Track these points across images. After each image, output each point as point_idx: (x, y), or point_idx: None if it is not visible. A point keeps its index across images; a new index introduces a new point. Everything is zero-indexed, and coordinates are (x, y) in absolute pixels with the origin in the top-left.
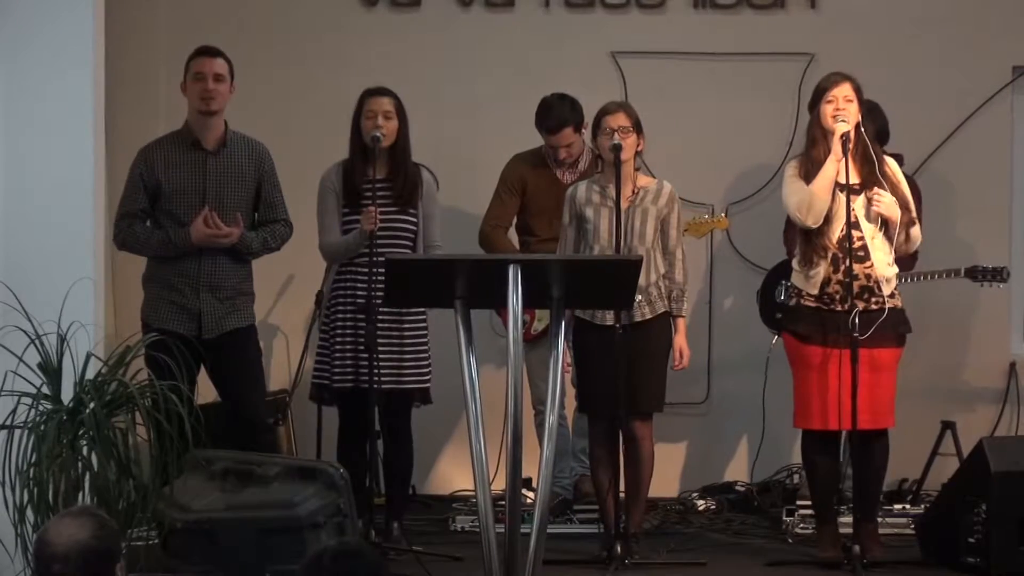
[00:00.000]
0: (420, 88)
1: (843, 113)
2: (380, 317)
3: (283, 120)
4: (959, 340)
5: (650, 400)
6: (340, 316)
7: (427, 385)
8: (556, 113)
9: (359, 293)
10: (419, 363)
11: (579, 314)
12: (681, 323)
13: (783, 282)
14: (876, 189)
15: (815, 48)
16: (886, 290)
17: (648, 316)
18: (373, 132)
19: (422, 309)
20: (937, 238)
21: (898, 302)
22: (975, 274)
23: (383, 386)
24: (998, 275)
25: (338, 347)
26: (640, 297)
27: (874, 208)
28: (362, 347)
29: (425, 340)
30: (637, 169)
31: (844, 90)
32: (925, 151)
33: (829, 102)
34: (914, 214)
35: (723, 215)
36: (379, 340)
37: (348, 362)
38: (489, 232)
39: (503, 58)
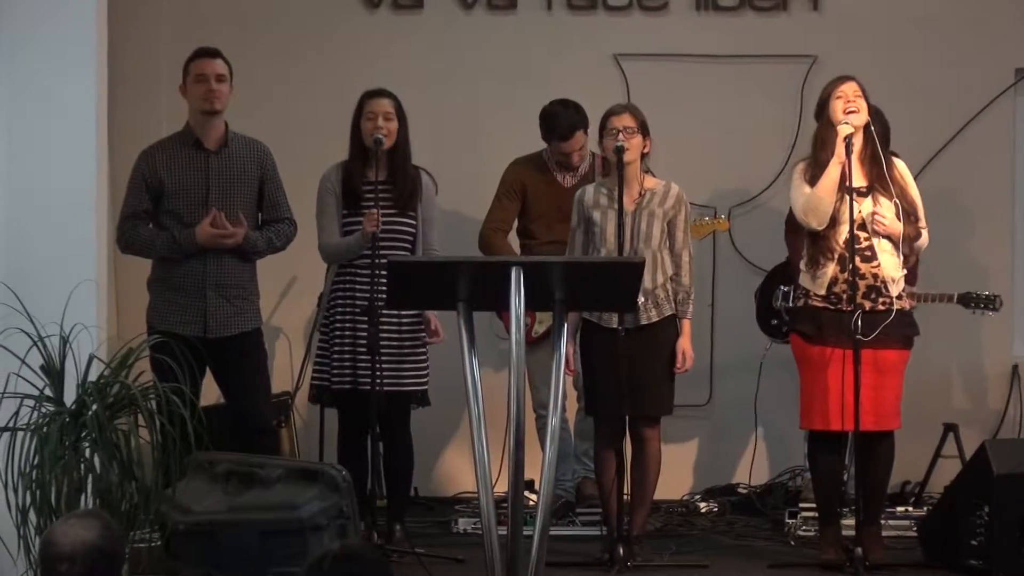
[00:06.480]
0: (422, 90)
1: (853, 105)
2: (380, 319)
3: (285, 121)
4: (962, 342)
5: (658, 403)
6: (339, 317)
7: (425, 387)
8: (564, 119)
9: (358, 294)
10: (417, 365)
11: (586, 316)
12: (686, 325)
13: (780, 288)
14: (877, 212)
15: (818, 50)
16: (893, 291)
17: (655, 319)
18: (375, 134)
19: (419, 311)
20: (938, 242)
21: (906, 304)
22: (967, 301)
23: (383, 388)
24: (990, 303)
25: (336, 348)
26: (647, 299)
27: (878, 229)
28: (361, 348)
29: (423, 341)
30: (645, 171)
31: (852, 86)
32: (927, 154)
33: (839, 98)
34: (922, 221)
35: (723, 217)
36: (379, 342)
37: (347, 363)
38: (489, 235)
39: (505, 60)
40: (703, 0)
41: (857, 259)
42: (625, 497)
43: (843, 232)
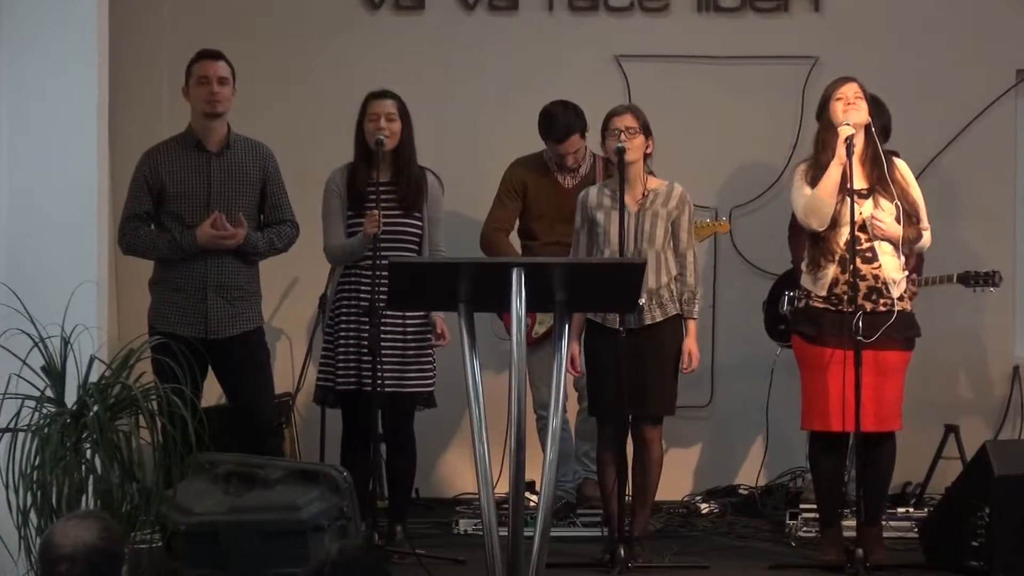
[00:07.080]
0: (423, 91)
1: (853, 107)
2: (383, 320)
3: (287, 123)
4: (963, 343)
5: (660, 403)
6: (344, 318)
7: (430, 389)
8: (562, 122)
9: (363, 296)
10: (422, 366)
11: (590, 317)
12: (692, 326)
13: (787, 293)
14: (875, 216)
15: (819, 51)
16: (895, 292)
17: (659, 319)
18: (377, 135)
19: (424, 312)
20: (941, 242)
21: (907, 305)
22: (967, 279)
23: (386, 389)
24: (990, 279)
25: (341, 349)
26: (651, 300)
27: (876, 232)
28: (365, 350)
29: (428, 343)
30: (649, 172)
31: (852, 88)
32: (929, 154)
33: (839, 99)
34: (924, 223)
35: (724, 219)
36: (382, 343)
37: (351, 364)
38: (490, 235)
39: (506, 61)
40: (704, 1)
41: (858, 260)
42: (627, 498)
43: (844, 233)
